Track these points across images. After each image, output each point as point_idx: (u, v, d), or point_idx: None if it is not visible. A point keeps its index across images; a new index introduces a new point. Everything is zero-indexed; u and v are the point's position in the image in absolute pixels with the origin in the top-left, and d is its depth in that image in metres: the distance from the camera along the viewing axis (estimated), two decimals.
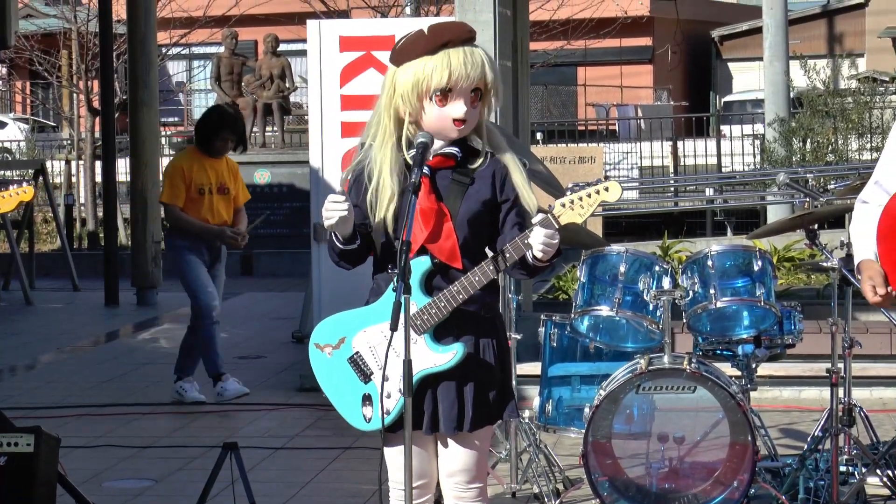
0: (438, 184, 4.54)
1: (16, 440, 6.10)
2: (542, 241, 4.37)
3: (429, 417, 4.54)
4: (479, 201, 4.52)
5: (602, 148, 20.87)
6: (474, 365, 4.53)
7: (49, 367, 11.27)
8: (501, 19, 9.24)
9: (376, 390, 4.51)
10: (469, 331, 4.54)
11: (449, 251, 4.50)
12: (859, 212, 4.94)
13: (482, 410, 4.55)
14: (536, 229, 4.38)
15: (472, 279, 4.46)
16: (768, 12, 20.14)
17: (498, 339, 4.61)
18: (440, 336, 4.51)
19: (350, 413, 4.59)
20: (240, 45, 20.83)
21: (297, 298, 13.10)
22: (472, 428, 4.54)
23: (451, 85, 4.46)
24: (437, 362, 4.48)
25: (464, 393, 4.53)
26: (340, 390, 4.61)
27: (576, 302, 6.65)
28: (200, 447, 8.15)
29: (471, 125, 4.53)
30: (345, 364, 4.60)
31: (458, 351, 4.48)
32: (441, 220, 4.49)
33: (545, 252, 4.39)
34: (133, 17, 14.50)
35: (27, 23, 25.16)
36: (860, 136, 19.80)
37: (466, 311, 4.51)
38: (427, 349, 4.49)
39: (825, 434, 6.61)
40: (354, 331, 4.61)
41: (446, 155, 4.55)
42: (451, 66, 4.45)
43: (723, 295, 6.54)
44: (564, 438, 7.62)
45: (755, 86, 32.67)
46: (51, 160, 22.29)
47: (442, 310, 4.47)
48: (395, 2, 19.91)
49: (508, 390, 4.65)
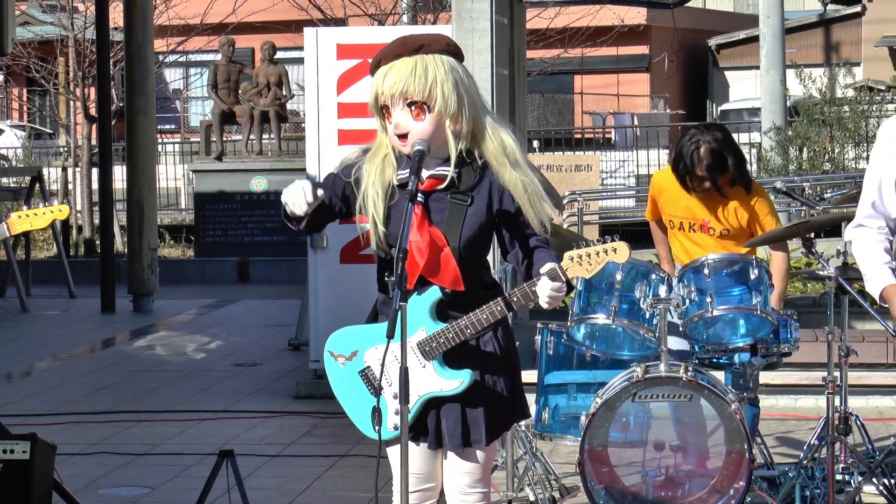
0: (433, 207, 4.52)
1: (12, 447, 6.09)
2: (549, 294, 4.44)
3: (433, 434, 4.56)
4: (478, 223, 4.52)
5: (599, 156, 20.86)
6: (481, 389, 4.55)
7: (45, 374, 11.26)
8: (498, 27, 9.24)
9: (386, 405, 4.54)
10: (473, 353, 4.55)
11: (451, 279, 4.50)
12: (861, 236, 4.91)
13: (491, 427, 4.57)
14: (543, 280, 4.43)
15: (481, 317, 4.49)
16: (765, 21, 20.15)
17: (502, 352, 4.60)
18: (448, 360, 4.54)
19: (361, 422, 4.63)
20: (237, 52, 20.83)
21: (294, 306, 13.10)
22: (485, 443, 4.57)
23: (382, 101, 4.48)
24: (443, 388, 4.52)
25: (468, 413, 4.55)
26: (352, 400, 4.65)
27: (572, 310, 6.65)
28: (197, 454, 8.14)
29: (418, 137, 4.45)
30: (356, 376, 4.63)
31: (465, 379, 4.50)
32: (437, 249, 4.48)
33: (550, 304, 4.47)
34: (130, 24, 14.51)
35: (24, 30, 25.18)
36: (857, 145, 19.83)
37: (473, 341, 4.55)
38: (434, 374, 4.52)
39: (821, 442, 6.60)
40: (367, 346, 4.62)
41: (436, 176, 4.52)
42: (376, 83, 4.48)
43: (719, 303, 6.54)
44: (561, 446, 7.61)
45: (752, 94, 32.72)
46: (47, 167, 22.28)
47: (451, 340, 4.51)
48: (393, 10, 19.92)
49: (517, 397, 4.66)
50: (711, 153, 6.85)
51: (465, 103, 4.47)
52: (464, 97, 4.47)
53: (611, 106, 36.31)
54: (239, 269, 17.99)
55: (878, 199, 4.84)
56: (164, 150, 26.28)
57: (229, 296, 16.11)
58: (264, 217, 18.73)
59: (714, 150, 6.85)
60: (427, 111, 4.45)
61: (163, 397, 9.79)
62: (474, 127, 4.51)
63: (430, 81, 4.43)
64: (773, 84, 19.99)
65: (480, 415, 4.54)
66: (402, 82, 4.43)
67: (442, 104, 4.44)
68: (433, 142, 4.48)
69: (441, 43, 4.51)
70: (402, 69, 4.44)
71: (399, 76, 4.43)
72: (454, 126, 4.49)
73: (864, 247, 4.89)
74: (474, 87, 4.56)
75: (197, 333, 12.98)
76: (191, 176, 21.93)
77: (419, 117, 4.46)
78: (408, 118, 4.47)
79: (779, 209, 17.53)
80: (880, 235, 4.86)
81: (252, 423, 9.11)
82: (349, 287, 9.40)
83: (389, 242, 4.53)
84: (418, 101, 4.44)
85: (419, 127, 4.46)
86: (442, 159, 4.53)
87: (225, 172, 18.99)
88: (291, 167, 18.53)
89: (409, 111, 4.46)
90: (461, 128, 4.49)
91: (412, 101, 4.45)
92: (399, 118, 4.47)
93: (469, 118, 4.49)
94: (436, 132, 4.47)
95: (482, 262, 4.62)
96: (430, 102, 4.44)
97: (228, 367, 11.15)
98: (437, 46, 4.49)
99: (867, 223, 4.90)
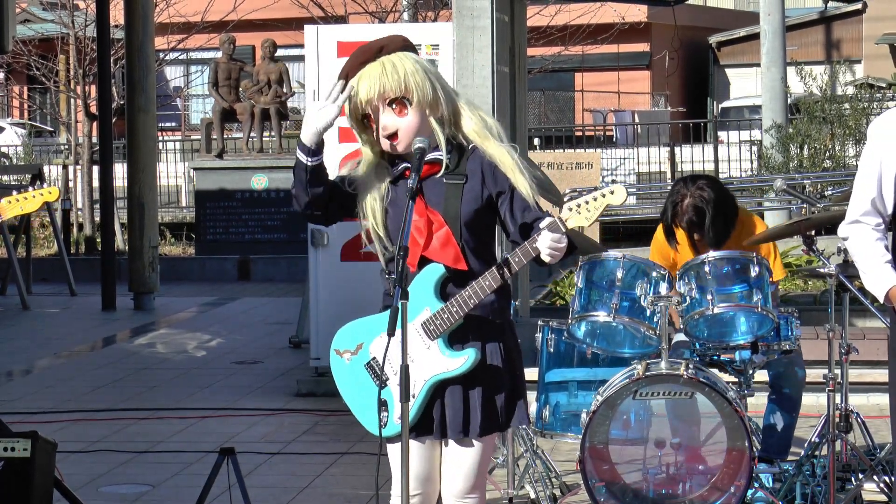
0: (430, 190, 4.57)
1: (12, 445, 6.09)
2: (550, 245, 4.44)
3: (438, 423, 4.58)
4: (475, 199, 4.56)
5: (599, 154, 20.84)
6: (480, 370, 4.56)
7: (46, 371, 11.26)
8: (499, 25, 9.23)
9: (391, 396, 4.55)
10: (476, 336, 4.57)
11: (452, 257, 4.53)
12: (859, 233, 4.86)
13: (488, 417, 4.58)
14: (544, 234, 4.44)
15: (483, 283, 4.51)
16: (766, 18, 20.11)
17: (505, 342, 4.63)
18: (451, 341, 4.55)
19: (366, 418, 4.64)
20: (237, 50, 20.80)
21: (295, 304, 13.11)
22: (479, 434, 4.57)
23: (363, 111, 4.57)
24: (448, 367, 4.53)
25: (470, 399, 4.56)
26: (359, 395, 4.66)
27: (573, 307, 6.65)
28: (197, 452, 8.14)
29: (409, 133, 4.54)
30: (362, 369, 4.65)
31: (470, 356, 4.52)
32: (433, 229, 4.52)
33: (553, 256, 4.45)
34: (131, 22, 14.50)
35: (25, 28, 25.16)
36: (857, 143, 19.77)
37: (474, 315, 4.54)
38: (440, 354, 4.54)
39: (822, 440, 6.60)
40: (372, 336, 4.65)
41: (430, 161, 4.58)
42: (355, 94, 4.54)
43: (720, 301, 6.54)
44: (561, 444, 7.62)
45: (752, 92, 32.71)
46: (48, 165, 22.25)
47: (454, 315, 4.51)
48: (393, 7, 19.91)
49: (518, 395, 4.66)
50: (694, 209, 6.82)
51: (438, 89, 4.57)
52: (436, 84, 4.58)
53: (611, 103, 36.33)
54: (240, 267, 17.99)
55: (878, 196, 4.81)
56: (165, 148, 26.27)
57: (230, 293, 16.11)
58: (265, 215, 18.72)
59: (697, 206, 6.82)
60: (408, 104, 4.54)
61: (163, 395, 9.79)
62: (453, 110, 4.61)
63: (402, 75, 4.53)
64: (774, 81, 19.95)
65: (478, 402, 4.55)
66: (377, 83, 4.52)
67: (420, 94, 4.53)
68: (421, 132, 4.56)
69: (398, 42, 4.62)
70: (372, 73, 4.54)
71: (372, 79, 4.53)
72: (435, 113, 4.57)
73: (863, 244, 4.86)
74: (439, 73, 4.67)
75: (198, 331, 12.98)
76: (191, 174, 21.91)
77: (402, 113, 4.54)
78: (392, 117, 4.55)
79: (780, 207, 17.58)
80: (878, 233, 4.83)
81: (253, 421, 9.11)
82: (350, 285, 9.40)
83: (391, 239, 4.56)
84: (397, 98, 4.53)
85: (405, 122, 4.55)
86: (432, 147, 4.58)
87: (226, 170, 18.98)
88: (292, 165, 18.43)
89: (392, 110, 4.54)
90: (442, 112, 4.58)
91: (391, 100, 4.54)
92: (385, 120, 4.55)
93: (447, 102, 4.59)
94: (421, 123, 4.55)
95: (485, 241, 4.63)
96: (409, 95, 4.53)
97: (229, 364, 11.15)
98: (395, 46, 4.60)
99: (864, 220, 4.85)
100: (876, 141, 4.84)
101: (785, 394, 6.96)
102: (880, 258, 4.80)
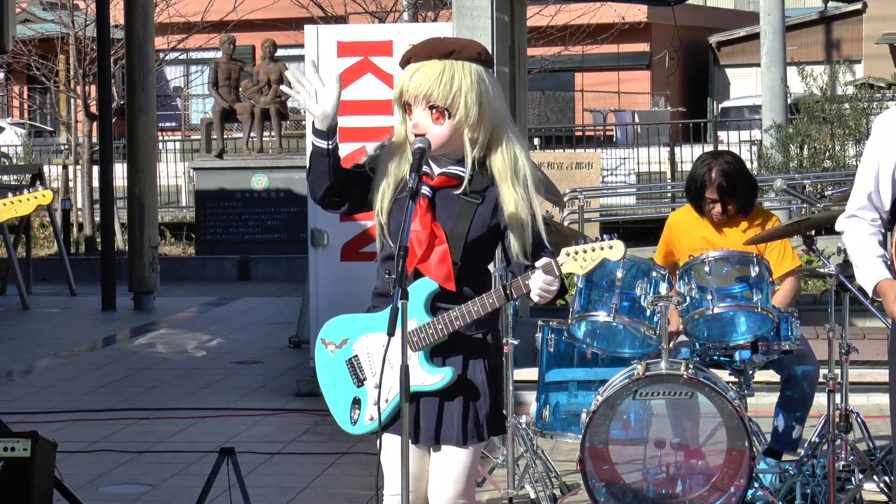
0: (443, 203, 4.54)
1: (12, 445, 6.09)
2: (541, 287, 4.43)
3: (412, 429, 4.54)
4: (484, 223, 4.54)
5: (599, 154, 20.87)
6: (461, 383, 4.54)
7: (46, 371, 11.26)
8: (499, 25, 9.23)
9: (366, 395, 4.57)
10: (459, 352, 4.56)
11: (443, 276, 4.51)
12: (854, 227, 4.87)
13: (466, 428, 4.55)
14: (537, 273, 4.43)
15: (472, 308, 4.49)
16: (765, 18, 20.12)
17: (489, 360, 4.61)
18: (432, 355, 4.54)
19: (339, 412, 4.65)
20: (237, 50, 20.81)
21: (295, 304, 13.11)
22: (455, 443, 4.55)
23: (405, 98, 4.52)
24: (424, 381, 4.52)
25: (444, 409, 4.55)
26: (335, 389, 4.67)
27: (573, 307, 6.65)
28: (197, 452, 8.14)
29: (436, 141, 4.49)
30: (343, 365, 4.66)
31: (447, 375, 4.51)
32: (433, 243, 4.50)
33: (542, 297, 4.45)
34: (130, 22, 14.50)
35: (25, 28, 25.16)
36: (857, 143, 19.79)
37: (460, 333, 4.53)
38: (418, 367, 4.53)
39: (822, 440, 6.61)
40: (358, 334, 4.65)
41: (450, 175, 4.55)
42: (402, 79, 4.52)
43: (720, 300, 6.54)
44: (561, 444, 7.62)
45: (752, 92, 32.72)
46: (48, 165, 22.26)
47: (439, 332, 4.51)
48: (393, 7, 19.92)
49: (498, 410, 4.64)
50: (723, 174, 6.92)
51: (486, 114, 4.50)
52: (486, 108, 4.50)
53: (611, 103, 36.33)
54: (240, 267, 17.99)
55: (874, 191, 4.82)
56: (165, 148, 26.26)
57: (230, 293, 16.11)
58: (265, 215, 18.73)
59: (726, 171, 6.93)
60: (447, 117, 4.49)
61: (163, 395, 9.79)
62: (491, 137, 4.53)
63: (454, 89, 4.46)
64: (774, 81, 19.96)
65: (456, 412, 4.53)
66: (428, 86, 4.47)
67: (463, 113, 4.48)
68: (448, 145, 4.51)
69: (472, 51, 4.53)
70: (429, 72, 4.47)
71: (425, 78, 4.47)
72: (472, 134, 4.52)
73: (857, 238, 4.87)
74: (500, 97, 4.57)
75: (198, 331, 12.99)
76: (191, 174, 21.92)
77: (438, 121, 4.49)
78: (427, 120, 4.50)
79: (780, 207, 17.59)
80: (873, 228, 4.83)
81: (253, 421, 9.11)
82: (350, 285, 9.39)
83: (390, 232, 4.56)
84: (440, 107, 4.48)
85: (437, 130, 4.50)
86: (455, 160, 4.56)
87: (226, 170, 18.99)
88: (292, 165, 18.53)
89: (430, 113, 4.50)
90: (478, 136, 4.52)
91: (434, 105, 4.48)
92: (419, 118, 4.51)
93: (488, 129, 4.52)
94: (452, 137, 4.51)
95: (482, 268, 4.62)
96: (452, 110, 4.48)
97: (229, 364, 11.15)
98: (468, 54, 4.51)
99: (860, 214, 4.86)
100: (876, 139, 4.86)
101: (799, 387, 6.96)
102: (873, 252, 4.81)
